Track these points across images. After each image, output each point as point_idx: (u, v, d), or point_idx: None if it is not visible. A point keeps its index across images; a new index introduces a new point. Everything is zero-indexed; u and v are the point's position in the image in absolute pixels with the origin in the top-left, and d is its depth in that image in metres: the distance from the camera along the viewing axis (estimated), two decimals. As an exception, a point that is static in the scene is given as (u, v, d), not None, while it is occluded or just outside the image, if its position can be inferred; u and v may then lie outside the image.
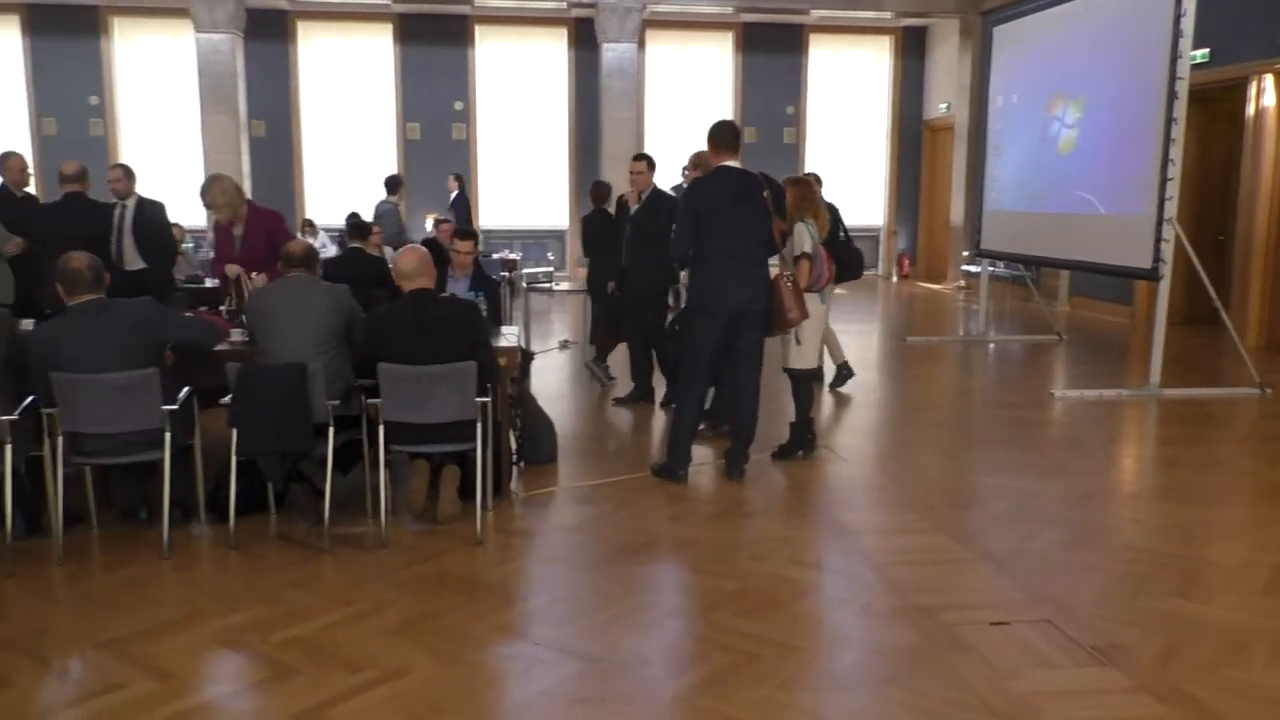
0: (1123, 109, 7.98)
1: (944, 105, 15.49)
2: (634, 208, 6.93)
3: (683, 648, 3.45)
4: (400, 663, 3.28)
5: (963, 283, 14.53)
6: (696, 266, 5.07)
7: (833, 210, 7.28)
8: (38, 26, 14.37)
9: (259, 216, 5.86)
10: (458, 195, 12.80)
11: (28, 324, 4.98)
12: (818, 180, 6.70)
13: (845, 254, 6.62)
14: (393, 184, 11.79)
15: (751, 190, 5.04)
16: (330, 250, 11.03)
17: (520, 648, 3.43)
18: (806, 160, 15.72)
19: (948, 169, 15.31)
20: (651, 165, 6.95)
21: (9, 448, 4.01)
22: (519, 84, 15.37)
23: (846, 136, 16.14)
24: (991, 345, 9.98)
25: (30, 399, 4.18)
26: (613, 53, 13.88)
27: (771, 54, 15.70)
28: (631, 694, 3.13)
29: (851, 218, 7.46)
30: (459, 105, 15.20)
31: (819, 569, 4.20)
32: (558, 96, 15.44)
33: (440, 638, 3.47)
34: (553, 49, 15.34)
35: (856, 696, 3.14)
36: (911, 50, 16.14)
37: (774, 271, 5.24)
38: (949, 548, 4.37)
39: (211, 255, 7.99)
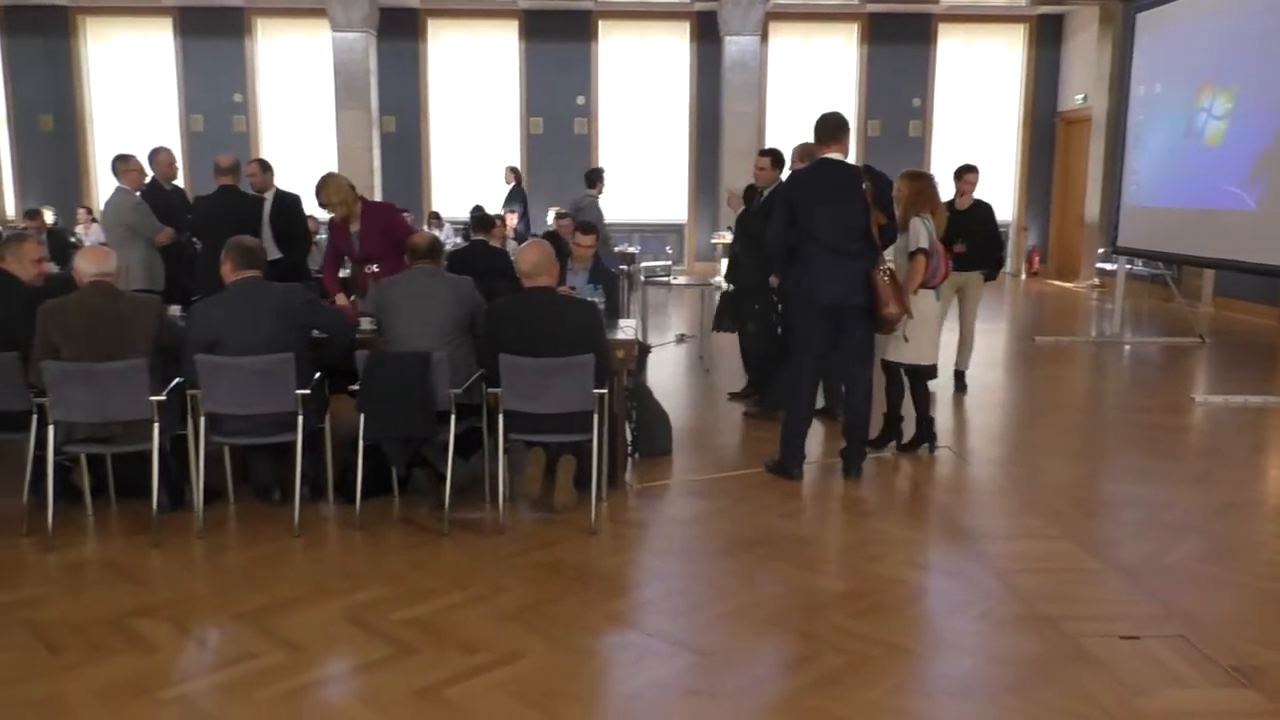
0: (1278, 100, 7.51)
1: (1080, 96, 14.87)
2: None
3: (795, 646, 3.42)
4: (515, 647, 3.35)
5: (1097, 281, 13.93)
6: (797, 260, 5.04)
7: (985, 207, 7.09)
8: (188, 28, 15.17)
9: (374, 212, 5.96)
10: (514, 188, 12.98)
11: (174, 310, 5.27)
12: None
13: (996, 249, 6.72)
14: (593, 177, 11.89)
15: (850, 183, 4.95)
16: (454, 242, 11.29)
17: (632, 638, 3.46)
18: (933, 154, 15.33)
19: (1083, 162, 14.70)
20: (777, 161, 6.79)
21: (157, 426, 4.26)
22: (640, 78, 15.43)
23: (975, 129, 15.65)
24: (1127, 347, 9.53)
25: (177, 381, 4.42)
26: (735, 46, 13.80)
27: (898, 45, 15.34)
28: (743, 689, 3.12)
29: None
30: (581, 100, 15.37)
31: (937, 572, 4.10)
32: (678, 90, 15.44)
33: (554, 624, 3.53)
34: (674, 43, 15.35)
35: (973, 704, 3.06)
36: (1046, 39, 15.53)
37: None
38: (1076, 556, 4.21)
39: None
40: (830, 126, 5.05)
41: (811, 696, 3.06)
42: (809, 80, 15.42)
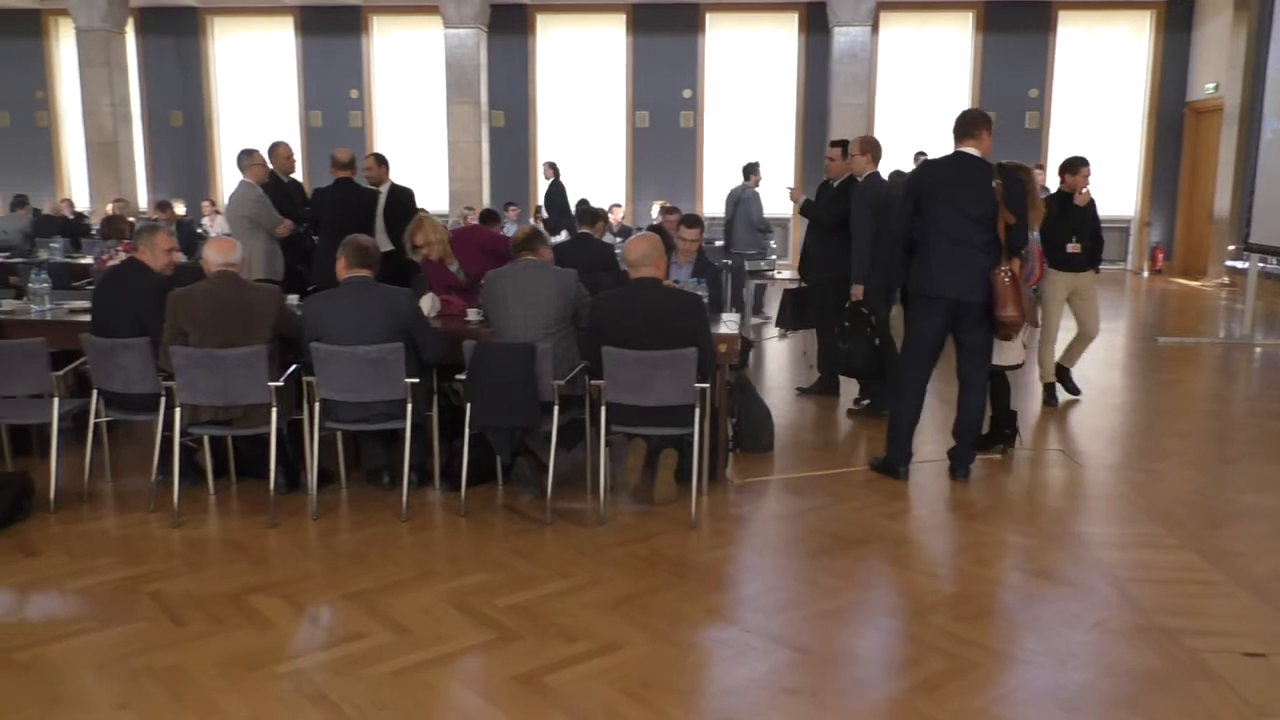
0: None
1: (1211, 85, 14.15)
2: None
3: (897, 648, 3.36)
4: (614, 637, 3.38)
5: (1226, 279, 13.25)
6: (919, 252, 4.95)
7: (1093, 203, 6.78)
8: (309, 27, 15.71)
9: (465, 238, 5.97)
10: (553, 183, 13.01)
11: (292, 299, 5.47)
12: (1038, 167, 6.22)
13: (1099, 247, 6.49)
14: (749, 170, 11.96)
15: (980, 177, 4.83)
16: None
17: (731, 633, 3.45)
18: (1050, 147, 14.81)
19: (1212, 155, 14.00)
20: (847, 153, 6.62)
21: (275, 411, 4.43)
22: (747, 71, 15.33)
23: (1097, 120, 15.06)
24: (1258, 349, 9.05)
25: (294, 367, 4.59)
26: (844, 37, 13.58)
27: (1016, 34, 14.86)
28: (843, 690, 3.07)
29: (1100, 207, 6.93)
30: (687, 93, 15.35)
31: (1049, 579, 3.96)
32: (786, 83, 15.29)
33: (652, 616, 3.54)
34: (783, 35, 15.20)
35: (1085, 717, 2.94)
36: (1175, 26, 14.83)
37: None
38: (1198, 567, 4.02)
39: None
40: (966, 121, 4.95)
41: (914, 700, 2.99)
42: (921, 71, 15.08)
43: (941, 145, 5.00)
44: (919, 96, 14.85)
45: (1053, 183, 7.12)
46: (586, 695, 3.02)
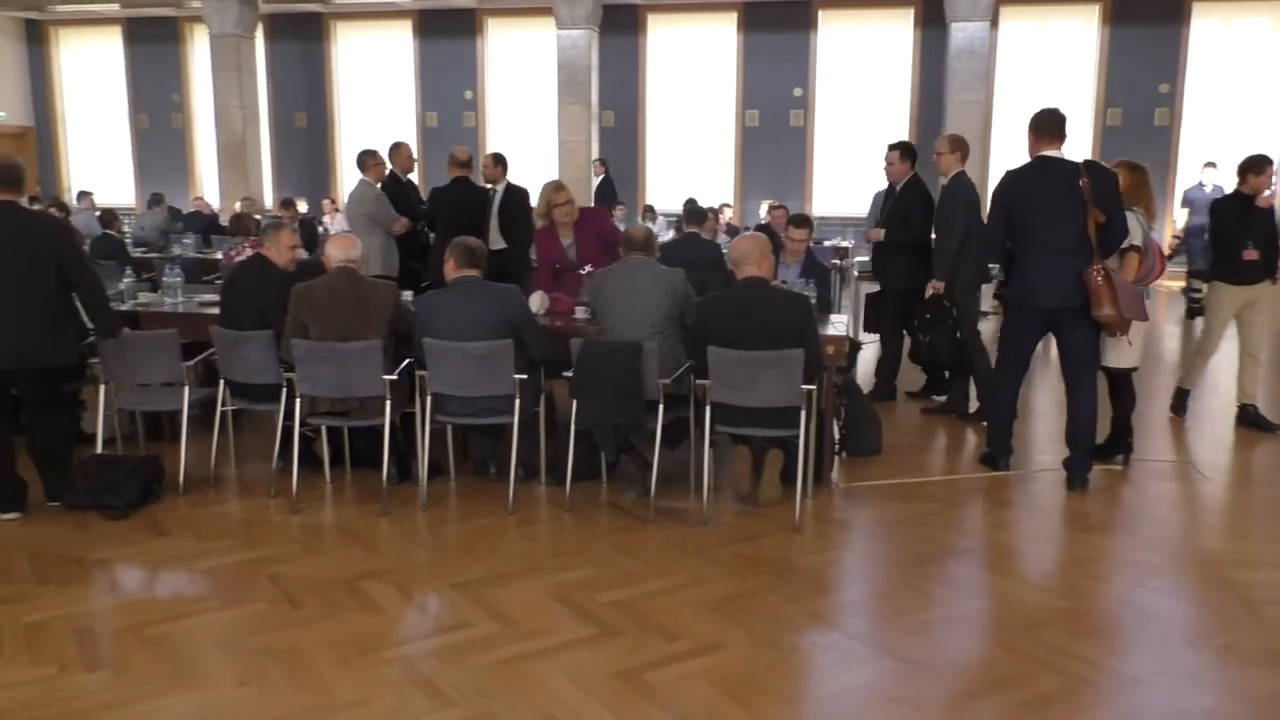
0: None
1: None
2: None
3: (1006, 662, 3.26)
4: (715, 637, 3.37)
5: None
6: (1013, 260, 4.91)
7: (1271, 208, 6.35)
8: (426, 30, 16.11)
9: (591, 218, 6.04)
10: (603, 180, 12.90)
11: (407, 295, 5.62)
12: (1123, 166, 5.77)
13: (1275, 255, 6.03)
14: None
15: (1067, 180, 4.71)
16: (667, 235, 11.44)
17: (834, 638, 3.40)
18: (1181, 145, 14.15)
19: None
20: (907, 155, 6.45)
21: (389, 403, 4.56)
22: (860, 68, 15.08)
23: (1235, 115, 14.29)
24: None
25: (407, 361, 4.72)
26: (962, 33, 13.21)
27: (1145, 26, 14.22)
28: (949, 702, 3.00)
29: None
30: (798, 91, 15.19)
31: (1172, 597, 3.78)
32: (900, 80, 14.97)
33: (755, 618, 3.52)
34: (898, 30, 14.89)
35: (1210, 744, 2.81)
36: (1322, 15, 13.98)
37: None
38: (1338, 591, 3.78)
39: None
40: (1046, 123, 4.84)
41: (1023, 716, 2.90)
42: (1042, 66, 14.57)
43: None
44: (1040, 93, 14.32)
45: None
46: (687, 694, 3.02)
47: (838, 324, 5.33)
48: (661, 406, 4.49)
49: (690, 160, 15.33)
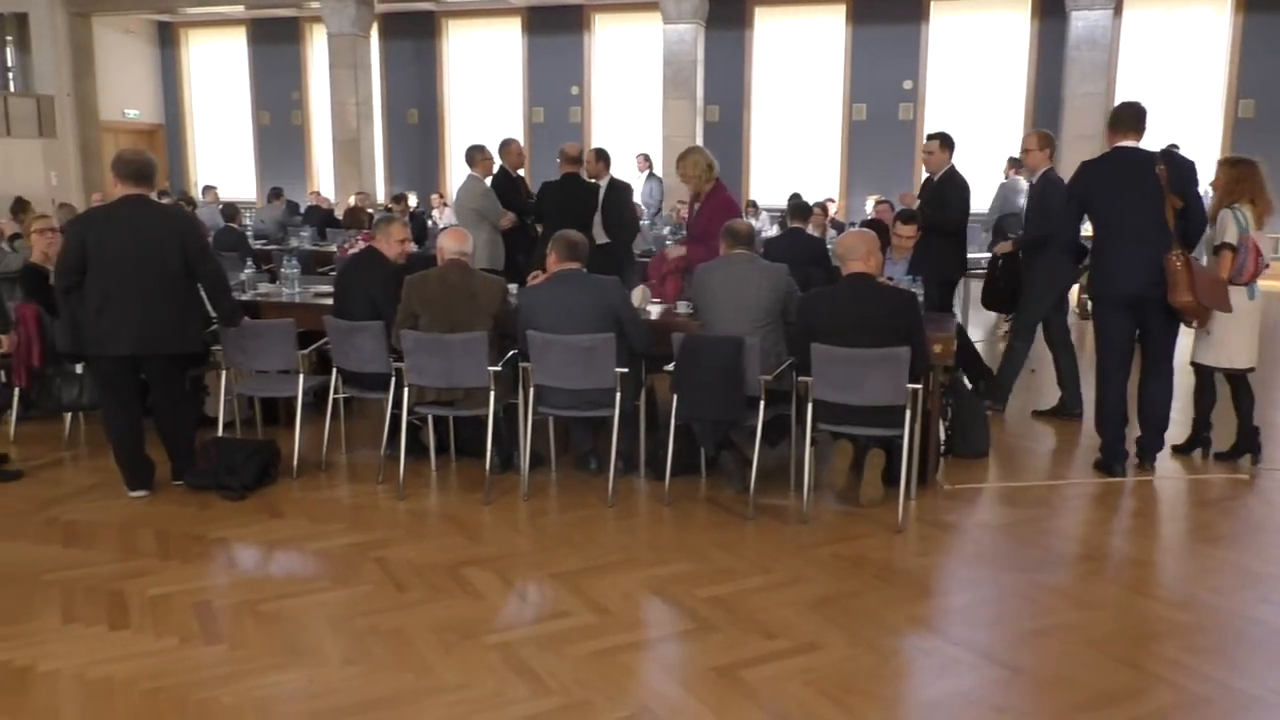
0: None
1: None
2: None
3: (1119, 675, 3.13)
4: (813, 637, 3.33)
5: None
6: (1095, 255, 4.99)
7: None
8: (534, 26, 16.33)
9: (721, 192, 6.04)
10: (648, 176, 12.69)
11: (512, 289, 5.71)
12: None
13: None
14: (1018, 161, 11.86)
15: (1143, 169, 4.77)
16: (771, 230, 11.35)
17: (936, 644, 3.33)
18: (1319, 136, 13.35)
19: None
20: (946, 144, 6.30)
21: (493, 394, 4.65)
22: (973, 60, 14.68)
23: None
24: None
25: (511, 353, 4.79)
26: (1083, 21, 12.74)
27: (1282, 13, 13.47)
28: (1055, 714, 2.90)
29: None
30: (908, 84, 14.88)
31: (1300, 615, 3.59)
32: (1015, 72, 14.51)
33: (854, 619, 3.47)
34: (1015, 20, 14.44)
35: (1341, 772, 2.65)
36: None
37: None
38: None
39: (665, 230, 8.52)
40: (1125, 115, 4.92)
41: (1137, 733, 2.79)
42: (1169, 57, 13.93)
43: (1189, 137, 4.73)
44: (1166, 85, 13.72)
45: None
46: (783, 693, 3.00)
47: (945, 322, 5.20)
48: (762, 403, 4.46)
49: (795, 155, 15.16)
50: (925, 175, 6.61)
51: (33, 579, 3.81)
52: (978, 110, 14.72)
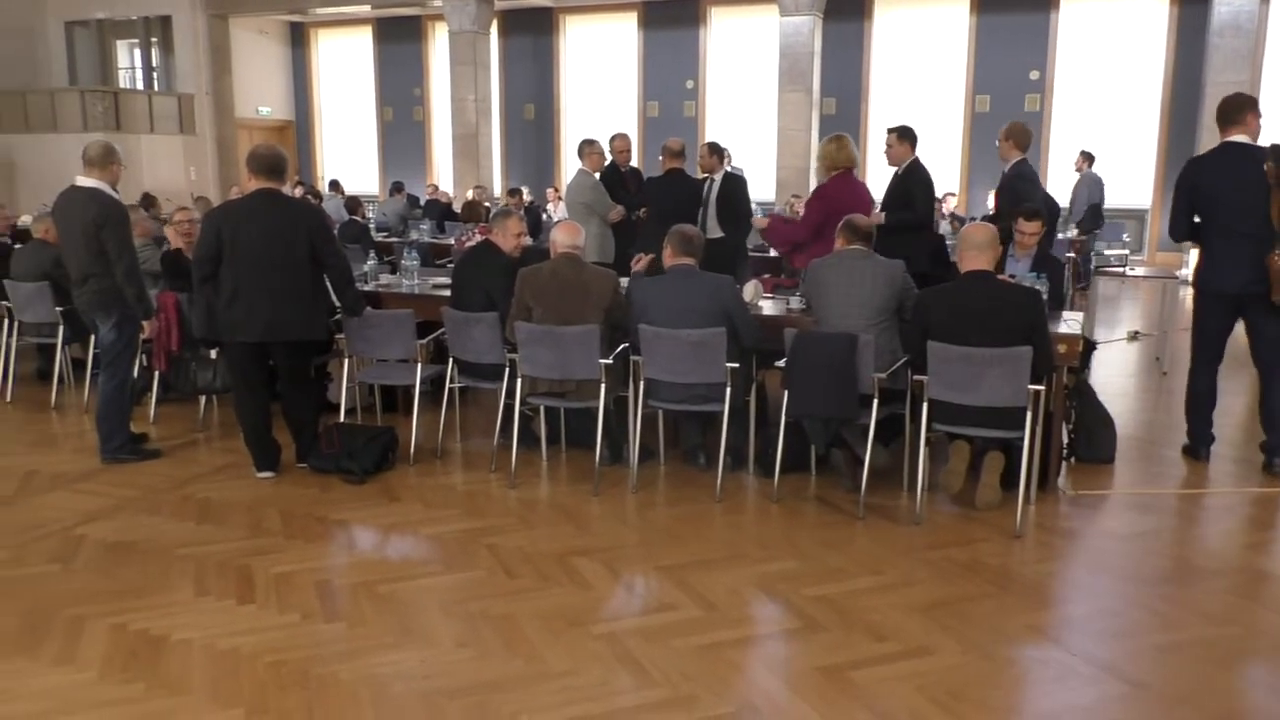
0: None
1: None
2: None
3: (1251, 697, 2.97)
4: (924, 641, 3.26)
5: None
6: (1202, 249, 5.01)
7: None
8: (650, 21, 16.37)
9: (829, 191, 5.98)
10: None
11: (623, 282, 5.74)
12: None
13: None
14: (1090, 155, 11.86)
15: (1251, 165, 4.64)
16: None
17: (1054, 654, 3.21)
18: None
19: None
20: (904, 137, 6.14)
21: (604, 386, 4.68)
22: (1105, 48, 14.08)
23: None
24: None
25: (622, 346, 4.83)
26: (1227, 7, 12.07)
27: None
28: (1183, 734, 2.77)
29: None
30: (1034, 74, 14.38)
31: None
32: (1151, 60, 13.86)
33: (967, 625, 3.38)
34: (1152, 5, 13.79)
35: None
36: None
37: None
38: None
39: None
40: (1230, 109, 4.86)
41: (1273, 759, 2.64)
42: (1321, 42, 13.09)
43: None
44: (1316, 72, 12.91)
45: None
46: (892, 696, 2.94)
47: (1071, 321, 5.01)
48: (876, 401, 4.38)
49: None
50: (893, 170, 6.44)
51: (169, 552, 4.02)
52: (1110, 101, 14.13)
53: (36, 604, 3.55)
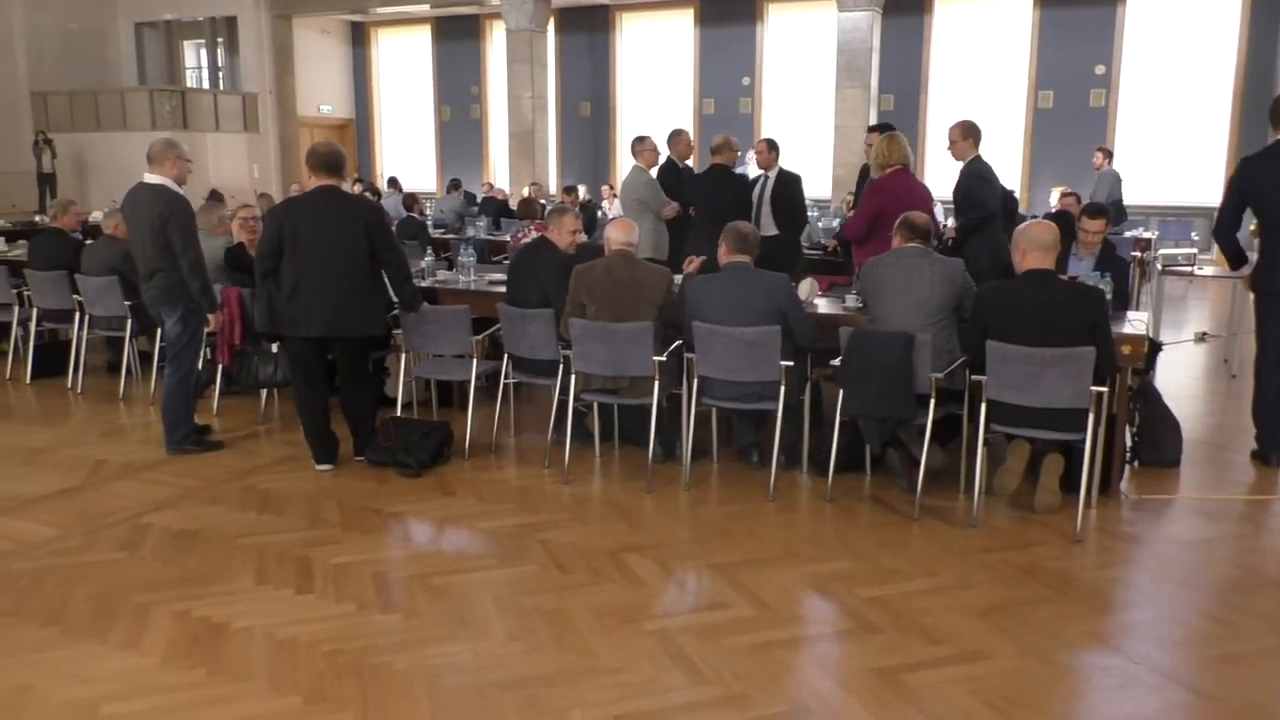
0: None
1: None
2: None
3: (1326, 710, 2.88)
4: (981, 645, 3.21)
5: None
6: (1263, 250, 4.96)
7: None
8: (707, 18, 16.33)
9: (885, 185, 5.93)
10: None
11: (676, 279, 5.73)
12: None
13: None
14: (1109, 152, 11.90)
15: None
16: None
17: (1115, 661, 3.14)
18: None
19: None
20: (967, 134, 6.04)
21: (657, 384, 4.68)
22: (1174, 41, 13.72)
23: None
24: None
25: (676, 344, 4.82)
26: (1302, -3, 11.70)
27: None
28: (1250, 747, 2.69)
29: None
30: (1100, 69, 14.06)
31: None
32: (1223, 52, 13.47)
33: (1025, 629, 3.32)
34: (1224, -2, 13.42)
35: None
36: None
37: None
38: None
39: (835, 223, 8.39)
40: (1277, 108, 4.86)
41: (1345, 774, 2.55)
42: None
43: None
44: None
45: None
46: (946, 700, 2.90)
47: (1136, 322, 4.89)
48: (933, 401, 4.32)
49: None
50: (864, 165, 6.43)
51: (231, 541, 4.11)
52: (1179, 96, 13.77)
53: (105, 589, 3.65)
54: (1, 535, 4.18)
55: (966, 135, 6.06)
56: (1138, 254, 8.65)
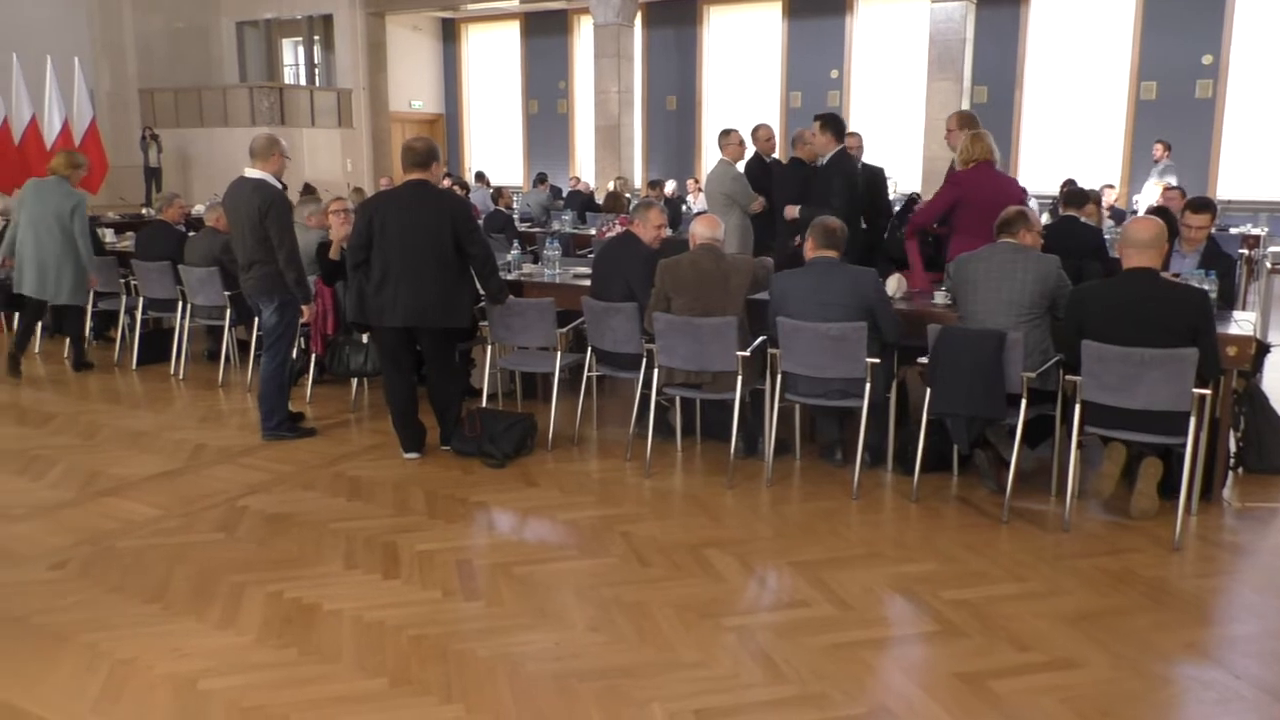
0: None
1: None
2: None
3: None
4: (1071, 653, 3.12)
5: None
6: None
7: None
8: (796, 10, 16.15)
9: (961, 178, 5.75)
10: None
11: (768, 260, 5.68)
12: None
13: None
14: (1168, 146, 11.63)
15: None
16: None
17: (1214, 675, 3.02)
18: None
19: None
20: (827, 127, 6.12)
21: (740, 379, 4.66)
22: (1288, 29, 13.09)
23: None
24: None
25: (760, 339, 4.79)
26: None
27: None
28: (1361, 770, 2.57)
29: None
30: (1207, 59, 13.49)
31: None
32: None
33: (1118, 639, 3.21)
34: (1341, -16, 12.75)
35: None
36: None
37: None
38: None
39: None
40: None
41: None
42: None
43: None
44: None
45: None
46: (1034, 708, 2.83)
47: (1242, 322, 4.69)
48: (1024, 401, 4.21)
49: (1071, 138, 14.14)
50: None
51: (322, 526, 4.23)
52: (1292, 86, 13.14)
53: (204, 569, 3.79)
54: (108, 514, 4.37)
55: (964, 125, 5.94)
56: (1245, 251, 8.30)
